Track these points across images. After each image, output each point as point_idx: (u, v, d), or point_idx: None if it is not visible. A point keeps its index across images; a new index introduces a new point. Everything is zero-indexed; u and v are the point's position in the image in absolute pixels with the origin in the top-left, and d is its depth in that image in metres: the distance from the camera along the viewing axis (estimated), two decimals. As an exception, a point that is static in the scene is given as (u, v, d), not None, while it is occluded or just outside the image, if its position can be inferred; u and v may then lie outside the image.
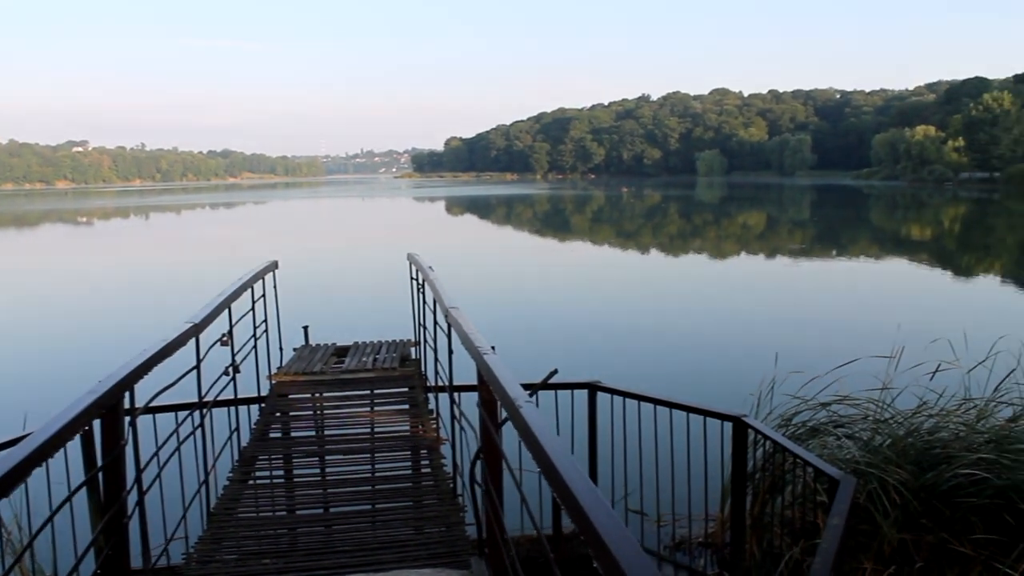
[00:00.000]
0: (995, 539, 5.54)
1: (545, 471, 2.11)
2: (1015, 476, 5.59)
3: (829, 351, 9.27)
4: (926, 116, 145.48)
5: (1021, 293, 26.67)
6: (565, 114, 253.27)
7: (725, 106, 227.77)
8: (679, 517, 6.85)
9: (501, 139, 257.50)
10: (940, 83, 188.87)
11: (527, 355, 14.61)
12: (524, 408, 2.54)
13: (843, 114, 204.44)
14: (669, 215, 71.34)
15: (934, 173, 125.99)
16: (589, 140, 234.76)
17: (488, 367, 3.26)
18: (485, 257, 36.95)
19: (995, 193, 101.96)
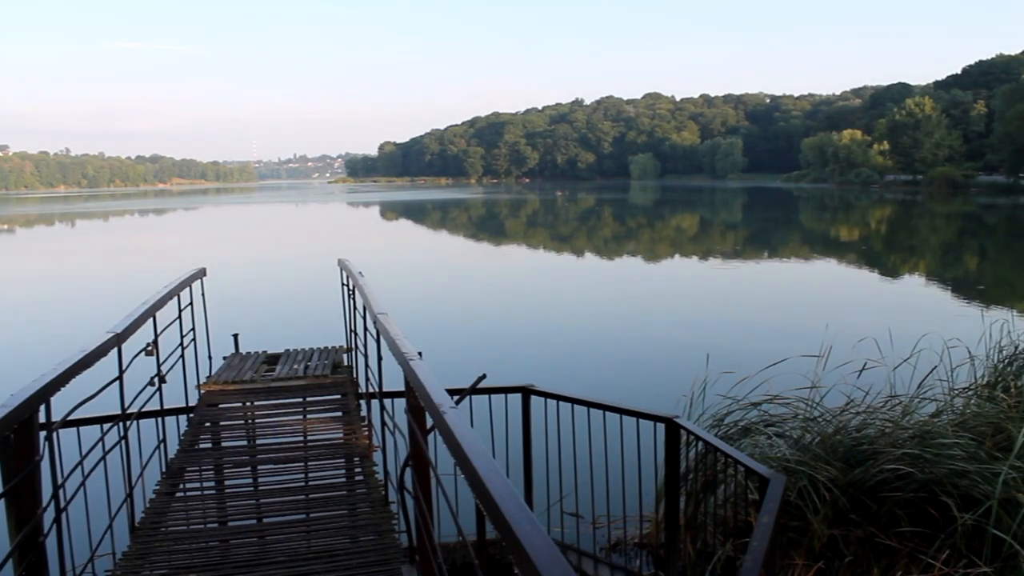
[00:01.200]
0: (919, 531, 5.67)
1: (468, 477, 2.10)
2: (937, 470, 5.73)
3: (759, 351, 9.41)
4: (852, 120, 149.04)
5: (944, 292, 27.39)
6: (499, 119, 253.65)
7: (658, 110, 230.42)
8: (615, 519, 6.88)
9: (435, 144, 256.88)
10: (865, 88, 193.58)
11: (461, 360, 14.59)
12: (448, 414, 2.53)
13: (773, 118, 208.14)
14: (603, 218, 71.84)
15: (861, 176, 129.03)
16: (523, 144, 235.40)
17: (414, 373, 3.24)
18: (420, 262, 36.81)
19: (918, 195, 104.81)
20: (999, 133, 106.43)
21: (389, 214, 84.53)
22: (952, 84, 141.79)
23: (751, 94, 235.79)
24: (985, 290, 26.49)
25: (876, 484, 5.93)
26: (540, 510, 6.95)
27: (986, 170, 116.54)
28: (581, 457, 6.46)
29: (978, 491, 5.49)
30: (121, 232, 69.80)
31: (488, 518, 1.90)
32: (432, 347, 15.93)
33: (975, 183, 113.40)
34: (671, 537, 6.09)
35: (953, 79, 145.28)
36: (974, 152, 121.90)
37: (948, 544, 5.42)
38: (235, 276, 28.36)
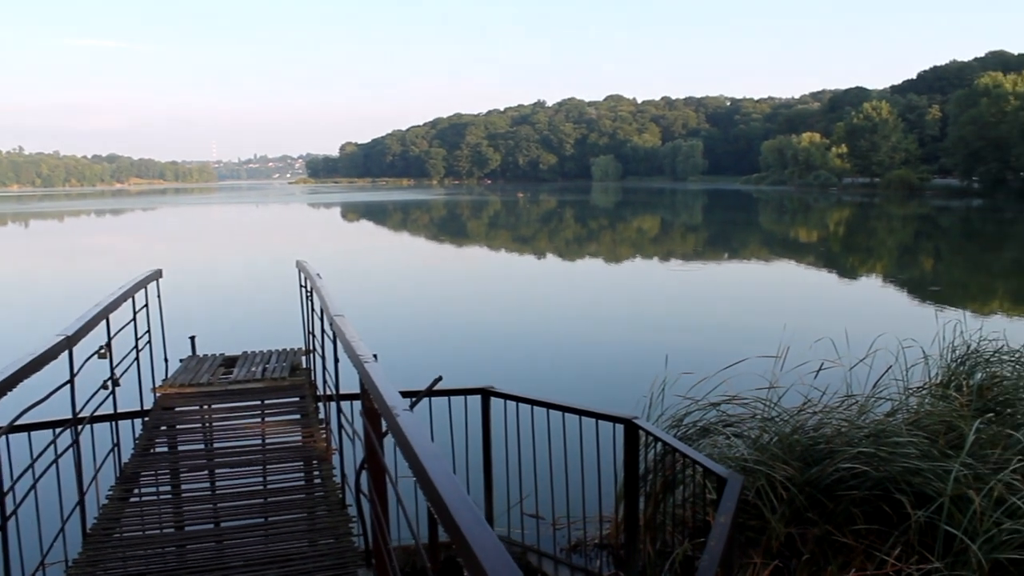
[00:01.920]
0: (875, 528, 5.74)
1: (420, 480, 2.09)
2: (891, 468, 5.81)
3: (718, 352, 9.49)
4: (811, 123, 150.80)
5: (900, 293, 27.79)
6: (461, 120, 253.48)
7: (619, 112, 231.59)
8: (575, 519, 6.90)
9: (397, 144, 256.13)
10: (824, 92, 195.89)
11: (421, 362, 14.55)
12: (401, 417, 2.51)
13: (733, 121, 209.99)
14: (565, 220, 72.02)
15: (819, 178, 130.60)
16: (485, 146, 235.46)
17: (368, 375, 3.22)
18: (381, 264, 36.65)
19: (875, 197, 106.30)
20: (953, 137, 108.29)
21: (350, 215, 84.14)
22: (908, 89, 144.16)
23: (712, 97, 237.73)
24: (939, 291, 26.90)
25: (832, 483, 6.00)
26: (500, 511, 6.95)
27: (941, 173, 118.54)
28: (541, 458, 6.47)
29: (931, 488, 5.57)
30: (76, 233, 68.77)
31: (439, 521, 1.89)
32: (392, 349, 15.91)
33: (930, 186, 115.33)
34: (631, 537, 6.12)
35: (909, 84, 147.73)
36: (929, 156, 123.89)
37: (902, 541, 5.50)
38: (193, 278, 28.06)
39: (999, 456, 5.90)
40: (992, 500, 5.24)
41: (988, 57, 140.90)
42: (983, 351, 9.05)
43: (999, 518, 5.10)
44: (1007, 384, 8.26)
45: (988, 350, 9.08)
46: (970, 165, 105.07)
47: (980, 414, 6.78)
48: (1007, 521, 5.07)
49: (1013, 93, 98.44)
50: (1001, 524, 5.06)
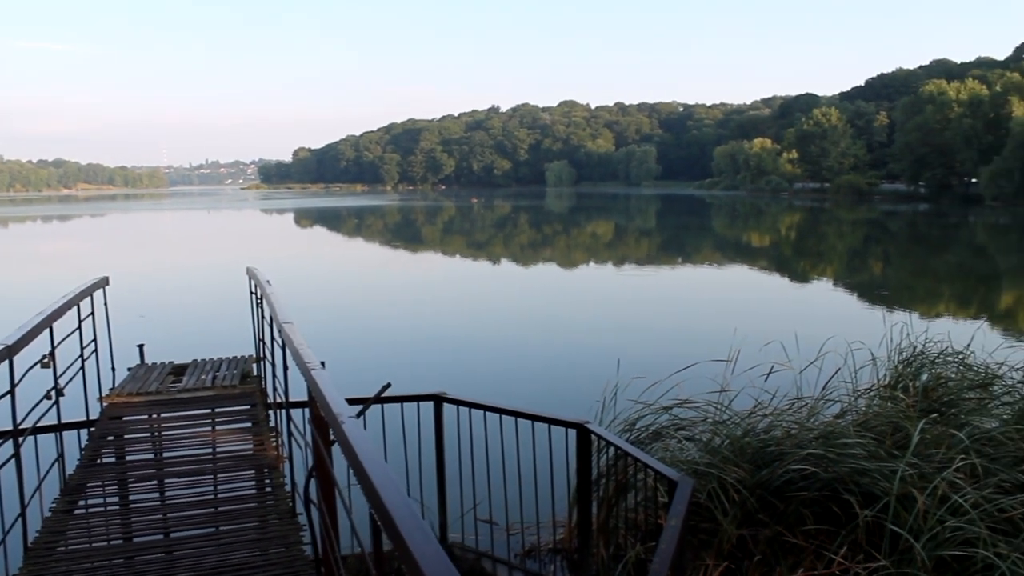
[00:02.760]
0: (824, 529, 5.82)
1: (364, 487, 2.08)
2: (840, 469, 5.89)
3: (670, 356, 9.57)
4: (763, 129, 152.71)
5: (849, 295, 28.23)
6: (415, 125, 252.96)
7: (573, 118, 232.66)
8: (529, 524, 6.91)
9: (351, 150, 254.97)
10: (775, 98, 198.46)
11: (374, 368, 14.48)
12: (347, 424, 2.50)
13: (686, 126, 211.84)
14: (519, 225, 72.17)
15: (771, 183, 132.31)
16: (439, 151, 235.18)
17: (315, 383, 3.20)
18: (335, 270, 36.43)
19: (825, 202, 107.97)
20: (900, 143, 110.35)
21: (304, 221, 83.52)
22: (856, 96, 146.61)
23: (665, 103, 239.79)
24: (887, 294, 27.37)
25: (783, 484, 6.07)
26: (455, 518, 6.94)
27: (888, 178, 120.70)
28: (495, 464, 6.46)
29: (878, 488, 5.66)
30: (20, 238, 67.42)
31: (383, 529, 1.89)
32: (346, 356, 15.81)
33: (878, 191, 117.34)
34: (584, 542, 6.14)
35: (857, 91, 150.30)
36: (877, 161, 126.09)
37: (849, 540, 5.57)
38: (142, 285, 27.67)
39: (943, 455, 6.01)
40: (936, 499, 5.33)
41: (933, 65, 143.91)
42: (929, 353, 9.21)
43: (943, 516, 5.20)
44: (951, 385, 8.42)
45: (933, 352, 9.24)
46: (916, 170, 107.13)
47: (925, 414, 6.90)
48: (950, 519, 5.16)
49: (956, 101, 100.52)
50: (945, 522, 5.16)
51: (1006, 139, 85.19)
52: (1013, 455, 6.18)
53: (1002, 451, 6.28)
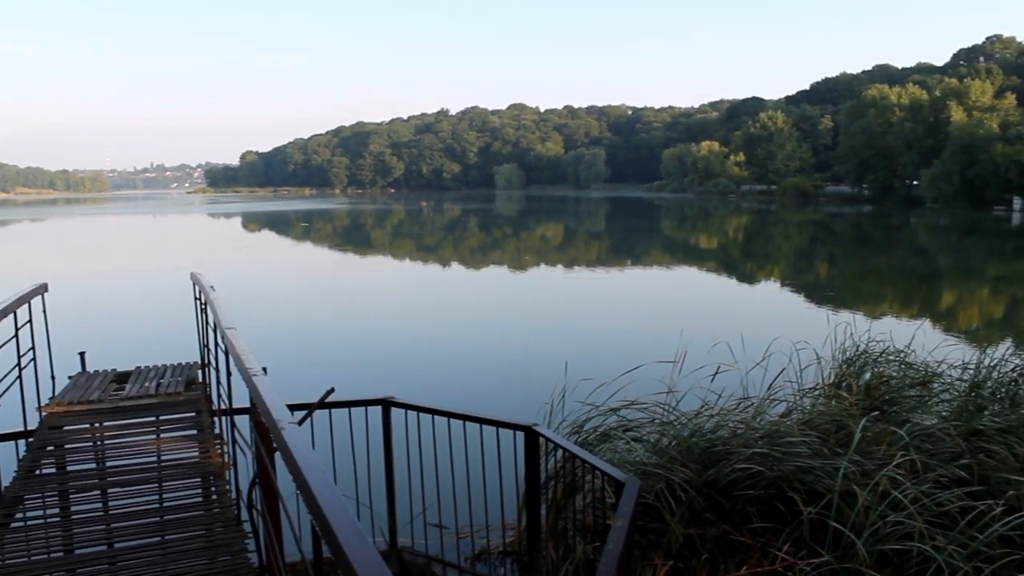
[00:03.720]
0: (770, 526, 5.90)
1: (303, 494, 2.07)
2: (785, 467, 5.98)
3: (618, 358, 9.62)
4: (710, 132, 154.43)
5: (795, 296, 28.64)
6: (364, 128, 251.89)
7: (523, 121, 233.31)
8: (479, 528, 6.91)
9: (299, 153, 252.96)
10: (722, 102, 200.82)
11: (322, 373, 14.35)
12: (287, 430, 2.49)
13: (634, 129, 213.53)
14: (468, 228, 72.12)
15: (719, 185, 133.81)
16: (388, 154, 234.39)
17: (256, 389, 3.17)
18: (283, 274, 36.05)
19: (772, 204, 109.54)
20: (844, 146, 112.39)
21: (252, 225, 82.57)
22: (802, 99, 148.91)
23: (613, 106, 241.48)
24: (832, 294, 27.81)
25: (729, 483, 6.15)
26: (404, 523, 6.92)
27: (833, 181, 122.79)
28: (444, 467, 6.45)
29: (821, 485, 5.76)
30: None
31: (321, 536, 1.88)
32: (294, 360, 15.65)
33: (824, 193, 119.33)
34: (533, 544, 6.16)
35: (803, 95, 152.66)
36: (822, 164, 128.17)
37: (794, 537, 5.66)
38: (83, 291, 27.17)
39: (884, 452, 6.13)
40: (877, 495, 5.44)
41: (875, 70, 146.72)
42: (871, 352, 9.41)
43: (884, 511, 5.30)
44: (893, 383, 8.61)
45: (876, 351, 9.44)
46: (860, 173, 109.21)
47: (868, 412, 7.02)
48: (891, 514, 5.27)
49: (898, 105, 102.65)
50: (886, 517, 5.26)
51: (945, 143, 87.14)
52: (951, 451, 6.33)
53: (940, 447, 6.43)
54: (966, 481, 5.87)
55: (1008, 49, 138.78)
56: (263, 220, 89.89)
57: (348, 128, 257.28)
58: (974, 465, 6.07)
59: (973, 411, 7.44)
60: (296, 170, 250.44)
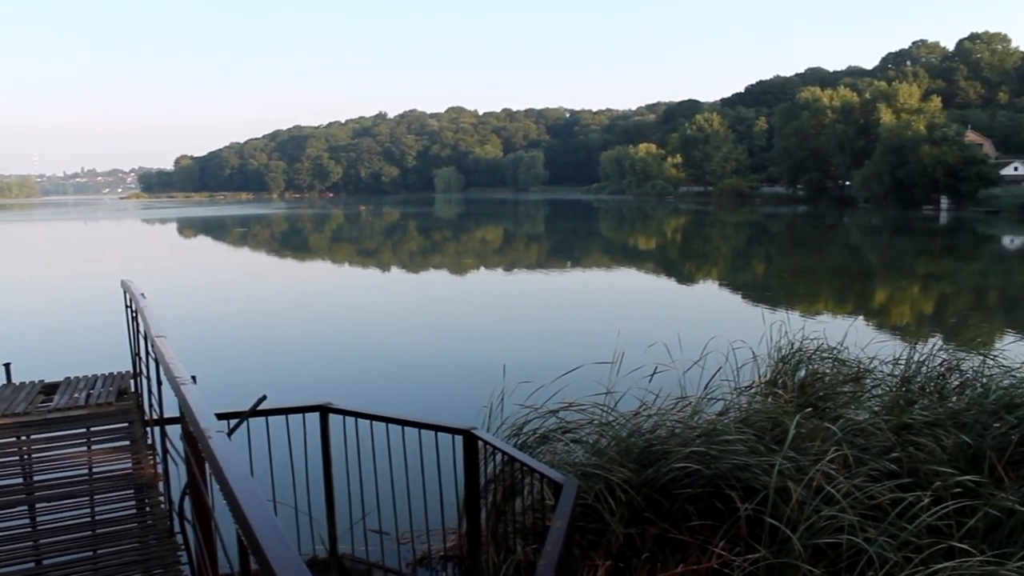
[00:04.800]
0: (709, 524, 5.96)
1: (230, 505, 2.03)
2: (721, 465, 6.05)
3: (556, 360, 9.64)
4: (648, 135, 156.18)
5: (732, 295, 29.03)
6: (301, 132, 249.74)
7: (461, 124, 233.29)
8: (419, 533, 6.88)
9: (235, 157, 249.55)
10: (659, 104, 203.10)
11: (258, 381, 14.17)
12: (214, 440, 2.44)
13: (573, 132, 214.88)
14: (408, 232, 71.82)
15: (656, 187, 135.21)
16: (326, 158, 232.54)
17: (184, 398, 3.12)
18: (220, 280, 35.53)
19: (709, 205, 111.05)
20: (778, 148, 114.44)
21: (187, 231, 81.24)
22: (737, 102, 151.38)
23: (552, 109, 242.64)
24: (768, 294, 28.24)
25: (668, 482, 6.20)
26: (344, 529, 6.85)
27: (769, 182, 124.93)
28: (383, 473, 6.40)
29: (758, 482, 5.84)
30: None
31: (248, 547, 1.85)
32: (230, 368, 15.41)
33: (760, 194, 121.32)
34: (474, 548, 6.14)
35: (738, 97, 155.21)
36: (758, 165, 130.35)
37: (731, 533, 5.73)
38: (9, 301, 26.50)
39: (818, 448, 6.24)
40: (812, 490, 5.53)
41: (807, 73, 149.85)
42: (806, 349, 9.57)
43: (818, 505, 5.39)
44: (827, 380, 8.78)
45: (810, 348, 9.60)
46: (794, 174, 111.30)
47: (802, 409, 7.14)
48: (825, 508, 5.36)
49: (830, 107, 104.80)
50: (820, 511, 5.35)
51: (875, 144, 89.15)
52: (882, 444, 6.46)
53: (872, 441, 6.56)
54: (896, 474, 6.01)
55: (933, 53, 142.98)
56: (199, 226, 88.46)
57: (285, 132, 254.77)
58: (904, 458, 6.21)
59: (903, 405, 7.62)
60: (232, 175, 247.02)
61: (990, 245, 51.67)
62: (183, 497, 3.97)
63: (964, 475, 5.91)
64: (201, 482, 3.36)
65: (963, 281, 33.49)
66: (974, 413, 7.13)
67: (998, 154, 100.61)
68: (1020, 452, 6.48)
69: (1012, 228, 61.68)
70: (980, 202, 79.25)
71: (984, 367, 8.91)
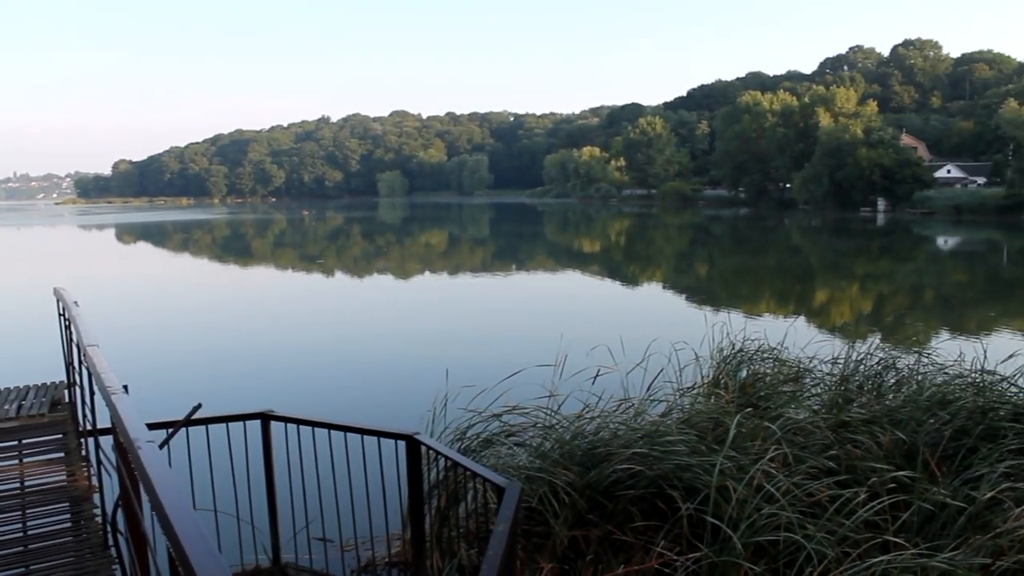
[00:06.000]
0: (653, 524, 6.00)
1: (158, 517, 2.00)
2: (664, 466, 6.10)
3: (499, 364, 9.61)
4: (591, 138, 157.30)
5: (676, 297, 29.33)
6: (243, 136, 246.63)
7: (405, 128, 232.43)
8: (364, 540, 6.83)
9: (175, 162, 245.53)
10: (603, 108, 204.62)
11: (198, 389, 13.91)
12: (144, 450, 2.39)
13: (517, 136, 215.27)
14: (351, 237, 71.36)
15: (600, 190, 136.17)
16: (269, 163, 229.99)
17: (115, 408, 3.05)
18: (161, 287, 34.89)
19: (653, 208, 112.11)
20: (720, 151, 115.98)
21: (126, 237, 79.72)
22: (679, 105, 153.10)
23: (496, 112, 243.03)
24: (710, 295, 28.57)
25: (611, 484, 6.23)
26: (287, 538, 6.77)
27: (711, 184, 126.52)
28: (326, 480, 6.34)
29: (699, 482, 5.90)
30: None
31: (176, 560, 1.81)
32: (169, 377, 15.09)
33: (702, 196, 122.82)
34: (418, 554, 6.11)
35: (680, 100, 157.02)
36: (700, 168, 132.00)
37: (673, 533, 5.77)
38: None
39: (759, 447, 6.32)
40: (752, 488, 5.60)
41: (748, 77, 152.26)
42: (747, 350, 9.69)
43: (758, 504, 5.46)
44: (768, 380, 8.90)
45: (752, 349, 9.72)
46: (736, 177, 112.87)
47: (743, 409, 7.23)
48: (765, 506, 5.44)
49: (770, 111, 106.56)
50: (760, 509, 5.42)
51: (815, 147, 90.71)
52: (820, 443, 6.58)
53: (811, 439, 6.68)
54: (834, 471, 6.11)
55: (869, 59, 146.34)
56: (138, 232, 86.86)
57: (226, 136, 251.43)
58: (842, 455, 6.33)
59: (842, 404, 7.76)
60: (173, 179, 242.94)
61: (925, 246, 52.90)
62: (115, 509, 3.89)
63: (899, 471, 6.03)
64: (133, 494, 3.30)
65: (900, 281, 34.22)
66: (909, 410, 7.30)
67: (931, 157, 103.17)
68: (952, 447, 6.65)
69: (946, 229, 63.23)
70: (915, 204, 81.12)
71: (919, 365, 9.12)
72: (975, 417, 6.95)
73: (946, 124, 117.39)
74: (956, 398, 7.42)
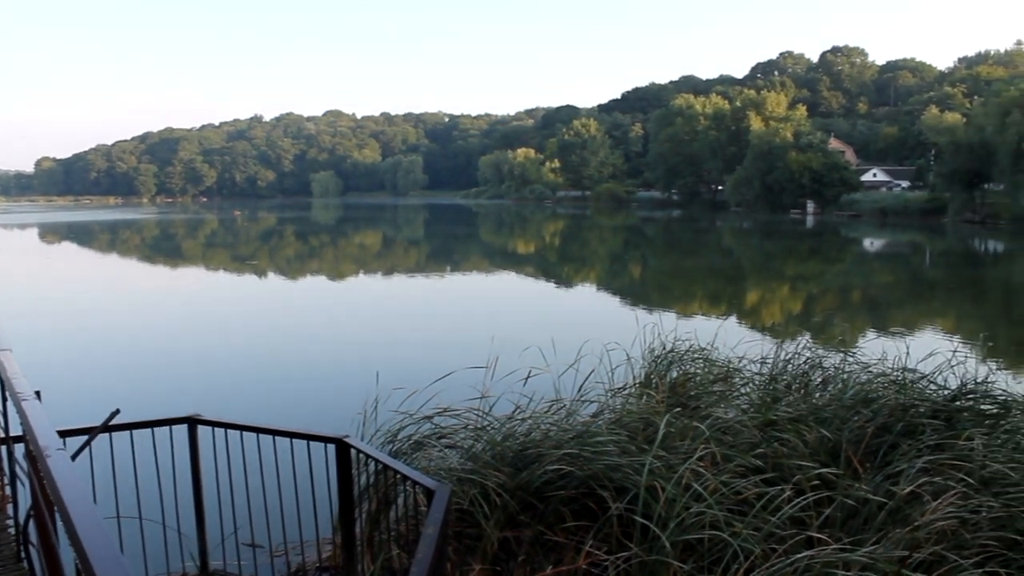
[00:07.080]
0: (584, 525, 6.03)
1: (66, 528, 1.95)
2: (594, 466, 6.13)
3: (431, 365, 9.57)
4: (526, 139, 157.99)
5: (609, 298, 29.57)
6: (173, 134, 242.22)
7: (339, 128, 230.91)
8: (294, 545, 6.75)
9: (102, 160, 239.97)
10: (538, 109, 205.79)
11: (123, 394, 13.61)
12: (53, 459, 2.33)
13: (452, 136, 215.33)
14: (284, 238, 70.52)
15: (535, 191, 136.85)
16: (200, 162, 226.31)
17: (25, 415, 2.97)
18: (85, 290, 34.01)
19: (587, 209, 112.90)
20: (654, 153, 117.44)
21: (49, 237, 77.65)
22: (613, 108, 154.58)
23: (431, 113, 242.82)
24: (642, 296, 28.87)
25: (542, 485, 6.24)
26: (215, 544, 6.66)
27: (645, 186, 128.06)
28: (255, 485, 6.25)
29: (629, 482, 5.94)
30: None
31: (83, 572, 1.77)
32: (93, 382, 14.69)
33: (636, 198, 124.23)
34: (349, 558, 6.06)
35: (614, 103, 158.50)
36: (634, 170, 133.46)
37: (604, 533, 5.81)
38: None
39: (688, 446, 6.39)
40: (681, 487, 5.66)
41: (681, 81, 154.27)
42: (678, 350, 9.79)
43: (687, 502, 5.52)
44: (697, 380, 9.01)
45: (682, 349, 9.84)
46: (670, 179, 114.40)
47: (673, 409, 7.31)
48: (694, 505, 5.50)
49: (703, 114, 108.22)
50: (689, 508, 5.48)
51: (746, 150, 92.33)
52: (749, 441, 6.68)
53: (740, 438, 6.77)
54: (761, 469, 6.21)
55: (798, 65, 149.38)
56: (63, 231, 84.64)
57: (156, 134, 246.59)
58: (769, 453, 6.43)
59: (769, 403, 7.89)
60: (99, 178, 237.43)
61: (852, 247, 54.18)
62: (27, 520, 3.78)
63: (824, 468, 6.16)
64: (44, 504, 3.21)
65: (828, 282, 34.98)
66: (834, 408, 7.45)
67: (859, 161, 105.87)
68: (874, 444, 6.80)
69: (872, 231, 64.87)
70: (843, 206, 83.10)
71: (844, 364, 9.30)
72: (896, 414, 7.12)
73: (872, 129, 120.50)
74: (878, 396, 7.60)
